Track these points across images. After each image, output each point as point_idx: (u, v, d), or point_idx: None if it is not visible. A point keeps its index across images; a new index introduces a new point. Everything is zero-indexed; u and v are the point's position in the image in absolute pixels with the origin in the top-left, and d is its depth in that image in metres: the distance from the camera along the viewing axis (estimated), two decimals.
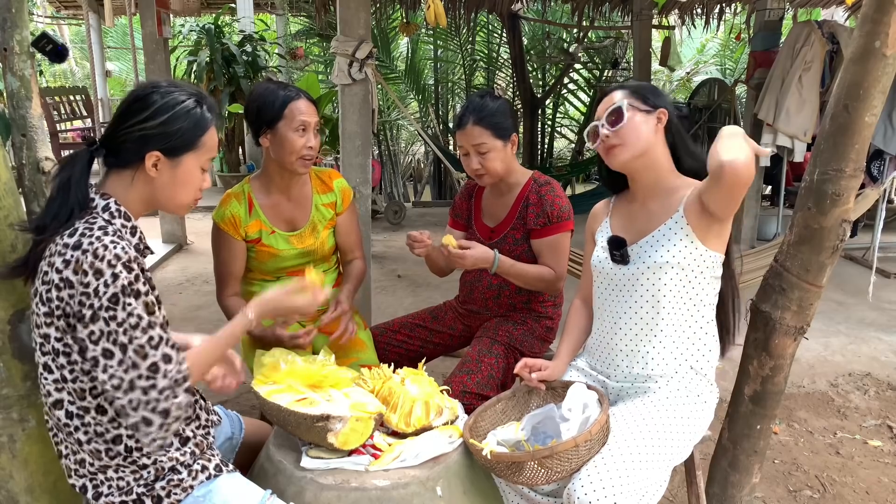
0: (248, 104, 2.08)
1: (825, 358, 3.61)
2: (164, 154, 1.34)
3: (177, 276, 5.06)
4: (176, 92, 1.36)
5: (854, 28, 1.68)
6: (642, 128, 1.64)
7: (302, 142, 2.01)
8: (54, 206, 1.31)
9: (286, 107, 2.00)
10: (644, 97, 1.67)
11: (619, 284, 1.72)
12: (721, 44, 12.60)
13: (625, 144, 1.64)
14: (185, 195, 1.41)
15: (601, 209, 1.89)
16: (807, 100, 4.92)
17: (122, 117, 1.34)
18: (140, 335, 1.23)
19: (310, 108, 2.04)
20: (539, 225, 2.13)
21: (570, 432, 1.50)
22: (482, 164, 2.09)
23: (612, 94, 1.70)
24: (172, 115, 1.33)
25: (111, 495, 1.35)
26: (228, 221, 2.08)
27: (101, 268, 1.22)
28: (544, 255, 2.14)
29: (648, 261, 1.64)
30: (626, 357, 1.71)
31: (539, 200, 2.14)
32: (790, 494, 2.41)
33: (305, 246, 2.16)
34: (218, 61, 7.44)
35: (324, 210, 2.20)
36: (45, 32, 1.89)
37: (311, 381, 1.63)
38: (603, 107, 1.70)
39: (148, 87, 1.36)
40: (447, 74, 10.11)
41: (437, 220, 7.16)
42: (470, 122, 2.08)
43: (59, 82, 13.73)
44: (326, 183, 2.23)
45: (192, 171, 1.39)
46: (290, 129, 2.00)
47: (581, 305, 1.95)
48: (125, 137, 1.33)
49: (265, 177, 2.14)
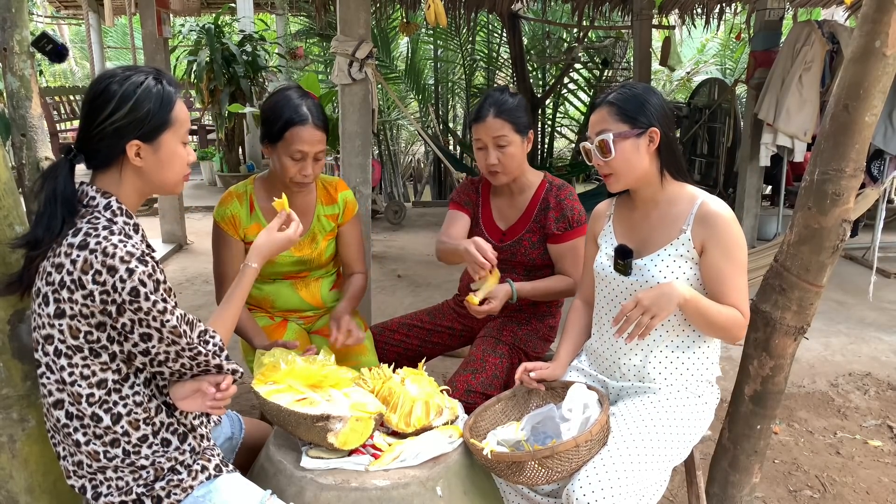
0: (263, 107, 2.01)
1: (825, 358, 3.61)
2: (142, 140, 1.33)
3: (177, 275, 5.06)
4: (133, 75, 1.34)
5: (854, 28, 1.68)
6: (633, 157, 1.62)
7: (295, 169, 1.94)
8: (45, 219, 1.29)
9: (286, 131, 1.91)
10: (633, 119, 1.61)
11: (620, 293, 1.72)
12: (721, 44, 12.59)
13: (616, 174, 1.64)
14: (174, 174, 1.40)
15: (603, 211, 1.88)
16: (807, 99, 4.92)
17: (88, 117, 1.32)
18: (170, 317, 1.28)
19: (313, 137, 1.93)
20: (560, 230, 2.11)
21: (571, 432, 1.50)
22: (500, 160, 2.05)
23: (600, 114, 1.65)
24: (137, 99, 1.31)
25: (110, 495, 1.35)
26: (228, 221, 2.05)
27: (113, 265, 1.22)
28: (565, 259, 2.12)
29: (651, 280, 1.63)
30: (627, 360, 1.71)
31: (559, 204, 2.12)
32: (790, 494, 2.41)
33: (303, 255, 2.13)
34: (218, 61, 7.44)
35: (325, 221, 2.15)
36: (45, 32, 1.89)
37: (311, 381, 1.63)
38: (593, 127, 1.67)
39: (104, 80, 1.33)
40: (447, 74, 10.10)
41: (437, 220, 7.16)
42: (491, 115, 2.04)
43: (59, 82, 13.74)
44: (332, 194, 2.17)
45: (174, 148, 1.38)
46: (286, 153, 1.93)
47: (581, 306, 1.95)
48: (99, 136, 1.31)
49: (269, 180, 2.09)
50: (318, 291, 2.23)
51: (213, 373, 1.38)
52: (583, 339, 1.91)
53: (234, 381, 1.41)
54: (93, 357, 1.29)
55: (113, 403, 1.32)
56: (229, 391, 1.39)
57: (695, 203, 1.63)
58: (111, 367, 1.31)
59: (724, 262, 1.59)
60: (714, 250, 1.59)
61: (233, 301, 1.54)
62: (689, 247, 1.61)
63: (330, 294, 2.27)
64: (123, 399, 1.33)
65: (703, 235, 1.60)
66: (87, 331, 1.26)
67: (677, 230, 1.64)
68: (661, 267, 1.63)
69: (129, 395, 1.33)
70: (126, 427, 1.33)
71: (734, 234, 1.59)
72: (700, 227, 1.60)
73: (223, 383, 1.38)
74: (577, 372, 1.85)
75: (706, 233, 1.59)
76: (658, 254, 1.65)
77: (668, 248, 1.64)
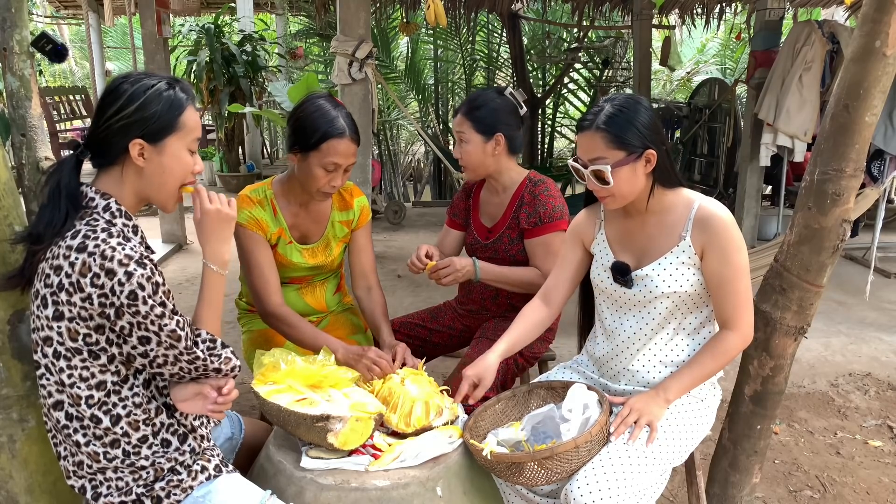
0: (294, 114, 1.95)
1: (825, 358, 3.61)
2: (146, 140, 1.33)
3: (176, 275, 5.06)
4: (146, 78, 1.36)
5: (854, 28, 1.68)
6: (631, 181, 1.57)
7: (326, 180, 1.92)
8: (46, 214, 1.30)
9: (324, 142, 1.88)
10: (628, 144, 1.53)
11: (622, 304, 1.71)
12: (721, 44, 12.60)
13: (616, 197, 1.60)
14: (174, 180, 1.39)
15: (588, 219, 1.81)
16: (807, 99, 4.92)
17: (99, 114, 1.34)
18: (168, 321, 1.27)
19: (349, 149, 1.92)
20: (531, 224, 2.12)
21: (571, 433, 1.50)
22: (462, 154, 2.14)
23: (593, 140, 1.56)
24: (145, 99, 1.32)
25: (110, 496, 1.35)
26: (254, 223, 1.98)
27: (112, 268, 1.22)
28: (536, 255, 2.13)
29: (656, 290, 1.62)
30: (630, 367, 1.70)
31: (532, 200, 2.13)
32: (790, 494, 2.41)
33: (317, 262, 2.11)
34: (218, 61, 7.44)
35: (339, 227, 2.14)
36: (44, 32, 1.89)
37: (311, 381, 1.62)
38: (585, 153, 1.59)
39: (118, 79, 1.36)
40: (447, 74, 10.11)
41: (437, 220, 7.16)
42: (462, 111, 2.14)
43: (59, 82, 13.74)
44: (347, 200, 2.14)
45: (179, 153, 1.37)
46: (319, 164, 1.90)
47: (539, 305, 1.88)
48: (106, 133, 1.32)
49: (289, 185, 2.05)
50: (323, 296, 2.23)
51: (213, 376, 1.38)
52: (525, 341, 1.86)
53: (233, 377, 1.41)
54: (92, 359, 1.28)
55: (112, 405, 1.32)
56: (231, 396, 1.38)
57: (692, 207, 1.60)
58: (110, 369, 1.30)
59: (722, 267, 1.56)
60: (712, 255, 1.57)
61: (214, 305, 1.46)
62: (690, 253, 1.59)
63: (333, 297, 2.27)
64: (123, 401, 1.33)
65: (702, 240, 1.58)
66: (85, 333, 1.26)
67: (676, 237, 1.61)
68: (665, 276, 1.61)
69: (128, 396, 1.33)
70: (126, 428, 1.33)
71: (732, 237, 1.56)
72: (699, 232, 1.58)
73: (225, 388, 1.37)
74: (578, 375, 1.84)
75: (705, 237, 1.57)
76: (659, 262, 1.62)
77: (668, 257, 1.62)
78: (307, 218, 2.09)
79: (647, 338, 1.67)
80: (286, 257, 2.06)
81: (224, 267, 1.47)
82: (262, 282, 1.98)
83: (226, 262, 1.47)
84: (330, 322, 2.25)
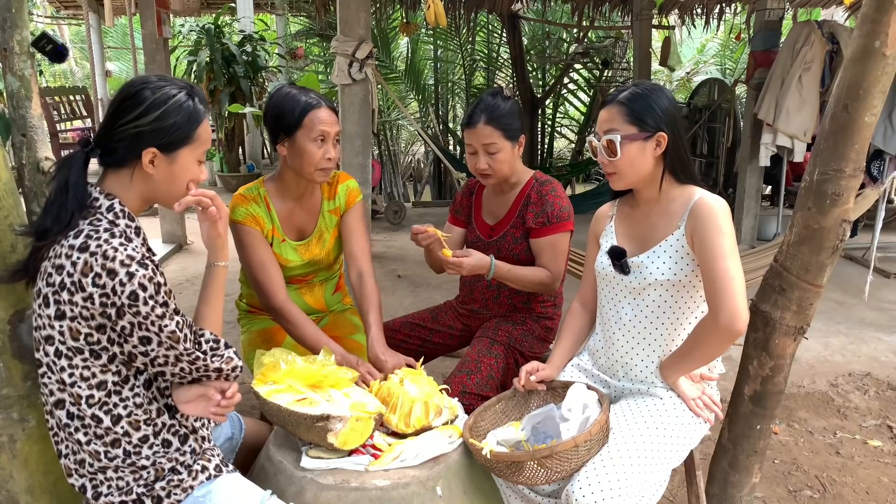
0: (267, 109, 1.99)
1: (825, 358, 3.61)
2: (160, 150, 1.33)
3: (176, 275, 5.06)
4: (167, 87, 1.35)
5: (854, 28, 1.68)
6: (638, 160, 1.62)
7: (320, 153, 1.93)
8: (54, 209, 1.30)
9: (306, 115, 1.91)
10: (642, 121, 1.60)
11: (621, 291, 1.72)
12: (721, 44, 12.60)
13: (620, 174, 1.65)
14: (180, 189, 1.40)
15: (605, 212, 1.88)
16: (807, 100, 4.92)
17: (114, 116, 1.33)
18: (169, 322, 1.27)
19: (331, 118, 1.95)
20: (538, 224, 2.12)
21: (570, 432, 1.50)
22: (490, 165, 2.07)
23: (610, 112, 1.64)
24: (165, 110, 1.32)
25: (111, 495, 1.35)
26: (252, 219, 1.99)
27: (113, 268, 1.22)
28: (543, 254, 2.13)
29: (650, 277, 1.64)
30: (629, 360, 1.71)
31: (539, 199, 2.13)
32: (790, 494, 2.41)
33: (312, 256, 2.11)
34: (218, 61, 7.45)
35: (329, 217, 2.14)
36: (45, 32, 1.90)
37: (311, 381, 1.63)
38: (601, 125, 1.66)
39: (138, 84, 1.35)
40: (447, 74, 10.12)
41: (437, 219, 7.11)
42: (481, 121, 2.05)
43: (59, 82, 13.75)
44: (333, 188, 2.15)
45: (189, 164, 1.38)
46: (309, 139, 1.91)
47: (579, 309, 1.94)
48: (120, 136, 1.32)
49: (281, 182, 2.06)
50: (322, 295, 2.24)
51: (214, 378, 1.38)
52: (578, 344, 1.91)
53: (235, 378, 1.41)
54: (93, 359, 1.29)
55: (113, 405, 1.32)
56: (234, 399, 1.38)
57: (692, 199, 1.63)
58: (111, 368, 1.31)
59: (702, 249, 1.55)
60: (696, 238, 1.57)
61: (216, 304, 1.49)
62: (683, 242, 1.61)
63: (333, 297, 2.27)
64: (123, 401, 1.33)
65: (691, 227, 1.60)
66: (87, 333, 1.26)
67: (674, 226, 1.64)
68: (658, 263, 1.64)
69: (129, 396, 1.34)
70: (126, 428, 1.34)
71: (716, 220, 1.54)
72: (691, 221, 1.60)
73: (229, 391, 1.37)
74: (578, 370, 1.85)
75: (693, 224, 1.59)
76: (654, 250, 1.65)
77: (663, 245, 1.65)
78: (302, 213, 2.11)
79: (641, 326, 1.68)
80: (281, 256, 2.07)
81: (226, 259, 1.53)
82: (267, 277, 1.98)
83: (227, 254, 1.54)
84: (330, 322, 2.25)
